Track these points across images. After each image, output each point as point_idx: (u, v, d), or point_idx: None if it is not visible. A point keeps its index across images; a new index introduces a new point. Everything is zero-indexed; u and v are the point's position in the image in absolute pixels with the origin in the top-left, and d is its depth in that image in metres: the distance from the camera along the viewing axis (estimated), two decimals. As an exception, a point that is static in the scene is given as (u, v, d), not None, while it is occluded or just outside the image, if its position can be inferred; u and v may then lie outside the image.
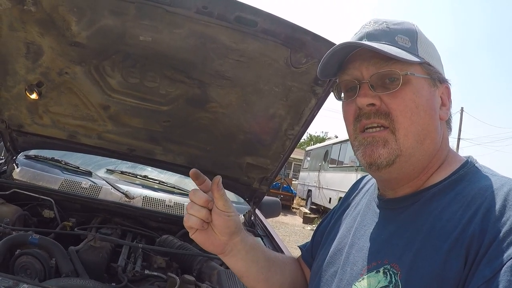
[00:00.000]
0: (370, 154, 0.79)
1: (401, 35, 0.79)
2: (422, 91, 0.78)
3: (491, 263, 0.61)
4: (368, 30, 0.81)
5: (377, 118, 0.79)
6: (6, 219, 1.87)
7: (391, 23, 0.81)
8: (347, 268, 0.85)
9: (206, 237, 0.88)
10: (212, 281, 1.86)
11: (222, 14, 1.45)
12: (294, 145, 2.14)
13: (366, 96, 0.78)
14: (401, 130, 0.77)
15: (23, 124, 2.23)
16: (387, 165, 0.78)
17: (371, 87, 0.79)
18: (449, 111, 0.84)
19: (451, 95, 0.85)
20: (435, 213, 0.73)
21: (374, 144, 0.79)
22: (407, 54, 0.77)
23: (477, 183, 0.74)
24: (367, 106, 0.79)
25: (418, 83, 0.78)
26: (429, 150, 0.80)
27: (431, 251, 0.69)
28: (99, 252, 1.81)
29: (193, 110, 2.02)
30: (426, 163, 0.81)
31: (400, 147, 0.77)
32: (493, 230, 0.64)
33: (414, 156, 0.79)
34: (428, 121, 0.78)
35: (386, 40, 0.78)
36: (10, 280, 1.24)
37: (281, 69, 1.69)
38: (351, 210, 1.00)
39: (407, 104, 0.77)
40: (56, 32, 1.64)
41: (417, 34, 0.81)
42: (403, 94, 0.77)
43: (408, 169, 0.80)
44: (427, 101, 0.79)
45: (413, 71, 0.78)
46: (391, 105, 0.77)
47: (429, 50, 0.82)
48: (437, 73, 0.81)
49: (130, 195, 2.38)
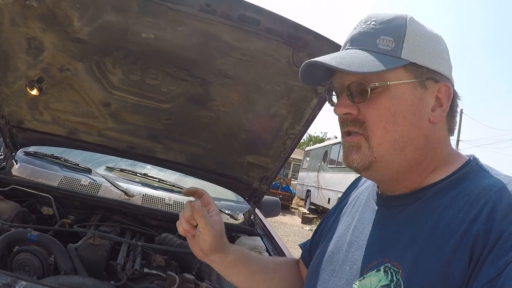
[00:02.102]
0: (346, 158, 0.82)
1: (385, 36, 0.76)
2: (402, 97, 0.76)
3: (496, 262, 0.61)
4: (353, 34, 0.80)
5: (352, 126, 0.80)
6: (5, 215, 1.86)
7: (379, 21, 0.78)
8: (346, 266, 0.84)
9: (192, 242, 1.00)
10: (212, 280, 1.85)
11: (225, 12, 1.45)
12: (295, 145, 2.14)
13: (341, 106, 0.79)
14: (374, 139, 0.77)
15: (23, 120, 2.22)
16: (363, 169, 0.79)
17: (350, 95, 0.78)
18: (445, 113, 0.79)
19: (454, 94, 0.80)
20: (437, 211, 0.73)
21: (349, 149, 0.81)
22: (374, 63, 0.74)
23: (480, 182, 0.73)
24: (344, 115, 0.80)
25: (398, 89, 0.76)
26: (414, 157, 0.78)
27: (434, 250, 0.68)
28: (98, 249, 1.81)
29: (194, 108, 2.01)
30: (413, 168, 0.79)
31: (374, 154, 0.77)
32: (498, 229, 0.63)
33: (394, 163, 0.78)
34: (409, 128, 0.76)
35: (367, 44, 0.77)
36: (8, 277, 1.23)
37: (283, 68, 1.68)
38: (349, 207, 0.99)
39: (380, 114, 0.76)
40: (58, 28, 1.63)
41: (405, 31, 0.76)
42: (378, 103, 0.76)
43: (391, 173, 0.80)
44: (409, 107, 0.76)
45: (392, 78, 0.75)
46: (365, 115, 0.77)
47: (422, 47, 0.76)
48: (428, 73, 0.77)
49: (129, 193, 2.37)
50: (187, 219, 0.95)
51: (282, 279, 1.10)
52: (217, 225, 0.96)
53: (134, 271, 1.79)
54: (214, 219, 0.97)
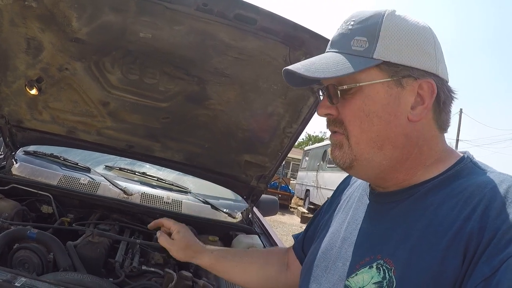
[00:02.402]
0: (331, 154, 0.86)
1: (359, 36, 0.76)
2: (376, 97, 0.76)
3: (490, 260, 0.60)
4: (334, 36, 0.83)
5: (333, 126, 0.84)
6: (5, 213, 1.87)
7: (357, 21, 0.78)
8: (338, 263, 0.84)
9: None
10: (209, 277, 1.86)
11: (221, 12, 1.46)
12: (292, 143, 2.15)
13: (321, 107, 0.84)
14: (352, 138, 0.80)
15: (23, 120, 2.24)
16: (347, 167, 0.82)
17: (329, 97, 0.81)
18: (427, 110, 0.76)
19: (441, 89, 0.77)
20: (431, 209, 0.72)
21: (334, 146, 0.85)
22: (343, 66, 0.75)
23: (474, 179, 0.72)
24: (325, 115, 0.84)
25: (371, 89, 0.76)
26: (393, 155, 0.78)
27: (428, 247, 0.67)
28: (97, 247, 1.82)
29: (192, 107, 2.03)
30: (396, 166, 0.80)
31: (354, 152, 0.80)
32: (492, 227, 0.62)
33: (374, 161, 0.79)
34: (385, 127, 0.76)
35: (342, 46, 0.79)
36: (8, 274, 1.25)
37: (280, 67, 1.67)
38: (343, 204, 1.00)
39: (355, 114, 0.78)
40: (57, 28, 1.65)
41: (380, 29, 0.75)
42: (352, 103, 0.78)
43: (374, 171, 0.82)
44: (383, 107, 0.76)
45: (359, 80, 0.76)
46: (342, 115, 0.81)
47: (398, 44, 0.74)
48: (405, 70, 0.75)
49: (128, 192, 2.38)
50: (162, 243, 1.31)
51: (260, 267, 1.23)
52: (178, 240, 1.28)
53: (133, 268, 1.80)
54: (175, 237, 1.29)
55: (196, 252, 1.26)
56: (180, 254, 1.26)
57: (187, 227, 1.37)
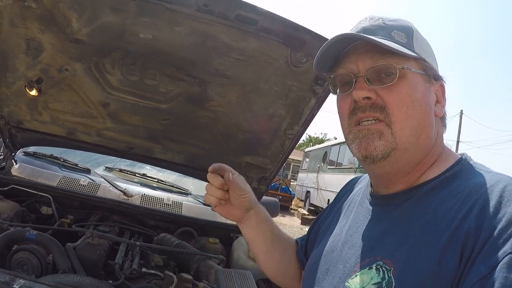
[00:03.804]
0: (366, 147, 0.79)
1: (397, 30, 0.79)
2: (418, 86, 0.79)
3: (487, 260, 0.61)
4: (365, 25, 0.81)
5: (372, 112, 0.79)
6: (4, 214, 1.87)
7: (387, 19, 0.82)
8: (339, 265, 0.85)
9: (226, 210, 1.04)
10: (210, 280, 1.85)
11: (222, 12, 1.45)
12: (294, 145, 2.14)
13: (362, 89, 0.78)
14: (397, 123, 0.77)
15: (23, 121, 2.23)
16: (382, 158, 0.78)
17: (367, 80, 0.79)
18: (444, 109, 0.84)
19: (446, 94, 0.86)
20: (429, 210, 0.73)
21: (369, 137, 0.79)
22: (404, 48, 0.77)
23: (471, 180, 0.73)
24: (363, 99, 0.79)
25: (414, 78, 0.79)
26: (424, 146, 0.80)
27: (426, 248, 0.68)
28: (96, 249, 1.81)
29: (192, 109, 2.02)
30: (420, 159, 0.81)
31: (396, 140, 0.77)
32: (488, 227, 0.63)
33: (409, 151, 0.79)
34: (424, 116, 0.79)
35: (383, 35, 0.79)
36: (6, 276, 1.24)
37: (281, 68, 1.69)
38: (344, 208, 1.01)
39: (403, 98, 0.77)
40: (57, 29, 1.64)
41: (413, 30, 0.81)
42: (399, 88, 0.77)
43: (402, 163, 0.80)
44: (423, 97, 0.79)
45: (409, 66, 0.78)
46: (387, 99, 0.77)
47: (424, 47, 0.82)
48: (432, 70, 0.82)
49: (128, 193, 2.37)
50: (220, 186, 0.99)
51: (290, 257, 1.14)
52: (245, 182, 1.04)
53: (132, 270, 1.79)
54: (241, 178, 1.03)
55: (256, 202, 1.08)
56: (252, 196, 1.04)
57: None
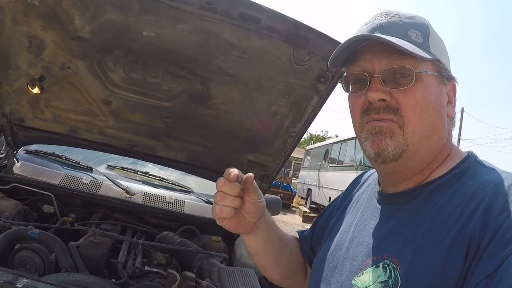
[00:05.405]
0: (378, 144, 0.78)
1: (414, 29, 0.78)
2: (432, 88, 0.78)
3: (493, 257, 0.60)
4: (381, 22, 0.79)
5: (386, 113, 0.78)
6: (6, 213, 1.87)
7: (403, 16, 0.80)
8: (346, 263, 0.85)
9: (237, 222, 0.91)
10: (213, 278, 1.85)
11: (226, 10, 1.45)
12: (296, 143, 2.14)
13: (377, 91, 0.77)
14: (410, 126, 0.77)
15: (24, 119, 2.23)
16: (393, 159, 0.78)
17: (382, 81, 0.78)
18: (454, 109, 0.84)
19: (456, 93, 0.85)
20: (435, 208, 0.73)
21: (382, 134, 0.78)
22: (420, 50, 0.75)
23: (478, 178, 0.73)
24: (378, 101, 0.78)
25: (429, 80, 0.78)
26: (435, 146, 0.80)
27: (432, 246, 0.68)
28: (99, 247, 1.81)
29: (195, 107, 2.01)
30: (431, 159, 0.81)
31: (407, 142, 0.77)
32: (494, 225, 0.63)
33: (420, 152, 0.78)
34: (436, 118, 0.78)
35: (399, 34, 0.77)
36: (9, 275, 1.24)
37: (284, 66, 1.68)
38: (352, 205, 1.00)
39: (417, 101, 0.76)
40: (59, 26, 1.64)
41: (429, 29, 0.80)
42: (414, 90, 0.76)
43: (414, 164, 0.80)
44: (436, 99, 0.78)
45: (425, 68, 0.77)
46: (401, 101, 0.77)
47: (439, 46, 0.81)
48: (446, 71, 0.81)
49: (130, 191, 2.37)
50: (239, 192, 0.87)
51: (297, 254, 1.12)
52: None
53: (135, 269, 1.80)
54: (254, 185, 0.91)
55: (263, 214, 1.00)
56: (263, 210, 0.95)
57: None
